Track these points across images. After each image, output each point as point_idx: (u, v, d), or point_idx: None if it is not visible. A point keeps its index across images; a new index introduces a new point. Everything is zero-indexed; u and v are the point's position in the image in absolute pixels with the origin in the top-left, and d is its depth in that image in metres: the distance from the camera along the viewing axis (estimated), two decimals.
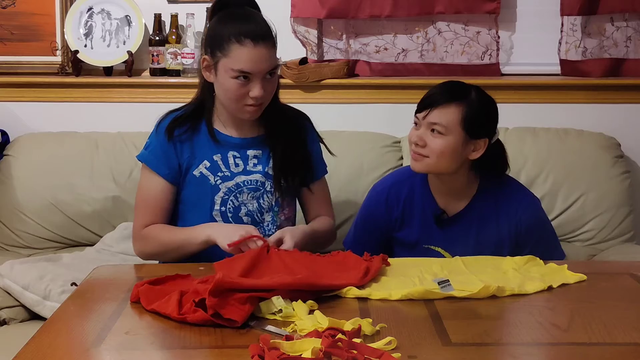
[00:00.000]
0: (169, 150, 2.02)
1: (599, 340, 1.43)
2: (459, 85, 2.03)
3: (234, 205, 2.04)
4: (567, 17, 3.03)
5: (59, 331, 1.48)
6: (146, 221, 2.03)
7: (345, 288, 1.64)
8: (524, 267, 1.80)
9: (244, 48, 1.92)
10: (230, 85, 1.95)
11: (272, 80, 1.98)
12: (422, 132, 1.99)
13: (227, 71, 1.94)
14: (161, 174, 2.03)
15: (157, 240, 2.01)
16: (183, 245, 1.97)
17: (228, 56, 1.93)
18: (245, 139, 2.07)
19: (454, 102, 1.97)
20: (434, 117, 1.96)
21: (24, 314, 2.36)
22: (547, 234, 2.11)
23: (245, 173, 2.05)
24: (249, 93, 1.94)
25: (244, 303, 1.48)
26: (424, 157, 1.98)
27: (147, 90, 3.05)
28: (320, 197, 2.17)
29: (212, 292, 1.46)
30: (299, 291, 1.57)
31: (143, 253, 2.06)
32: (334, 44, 3.09)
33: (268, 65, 1.94)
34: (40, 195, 2.81)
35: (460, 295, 1.62)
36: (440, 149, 1.96)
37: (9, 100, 3.06)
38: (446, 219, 2.06)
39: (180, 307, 1.50)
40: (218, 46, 1.95)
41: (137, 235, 2.06)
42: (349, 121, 3.00)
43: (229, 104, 2.00)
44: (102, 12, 3.05)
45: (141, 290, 1.59)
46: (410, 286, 1.65)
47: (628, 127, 3.02)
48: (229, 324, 1.45)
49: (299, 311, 1.51)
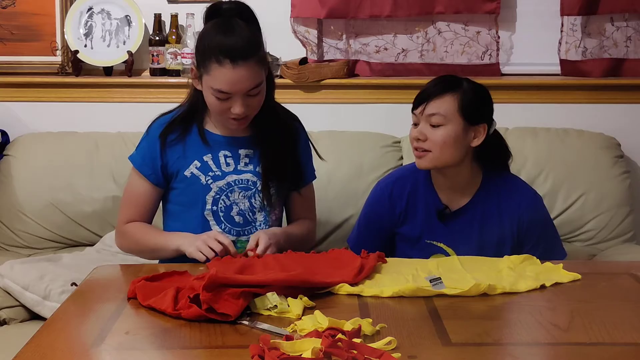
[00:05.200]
0: (155, 153, 2.04)
1: (599, 340, 1.42)
2: (450, 77, 2.08)
3: (225, 205, 2.05)
4: (567, 17, 3.03)
5: (59, 331, 1.48)
6: (128, 217, 2.09)
7: (338, 285, 1.65)
8: (520, 265, 1.81)
9: (223, 69, 1.90)
10: (212, 101, 1.96)
11: (256, 95, 1.96)
12: (421, 126, 2.01)
13: (208, 88, 1.95)
14: (145, 175, 2.06)
15: (134, 239, 2.08)
16: (157, 250, 2.04)
17: (209, 74, 1.93)
18: (237, 137, 2.07)
19: (448, 92, 2.00)
20: (431, 109, 1.99)
21: (24, 314, 2.36)
22: (548, 231, 2.12)
23: (237, 172, 2.06)
24: (231, 109, 1.95)
25: (237, 298, 1.50)
26: (428, 152, 1.99)
27: (147, 90, 3.05)
28: (305, 201, 2.18)
29: (205, 287, 1.49)
30: (293, 287, 1.59)
31: (121, 247, 2.15)
32: (334, 44, 3.09)
33: (248, 85, 1.92)
34: (40, 195, 2.81)
35: (451, 293, 1.63)
36: (442, 139, 1.97)
37: (9, 100, 3.06)
38: (449, 214, 2.07)
39: (175, 303, 1.52)
40: (202, 62, 1.94)
41: (118, 230, 2.13)
42: (349, 121, 3.00)
43: (214, 115, 2.03)
44: (102, 12, 3.05)
45: (138, 287, 1.61)
46: (403, 284, 1.66)
47: (628, 127, 3.02)
48: (223, 319, 1.47)
49: (293, 307, 1.52)
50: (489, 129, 2.04)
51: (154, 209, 2.12)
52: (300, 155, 2.13)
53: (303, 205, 2.18)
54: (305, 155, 2.16)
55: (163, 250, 2.01)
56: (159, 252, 2.03)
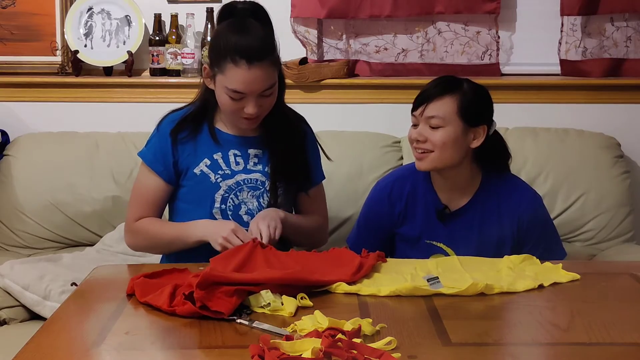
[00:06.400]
0: (167, 149, 2.04)
1: (599, 340, 1.42)
2: (451, 78, 2.07)
3: (234, 204, 2.05)
4: (567, 17, 3.03)
5: (59, 331, 1.48)
6: (138, 214, 2.08)
7: (335, 284, 1.65)
8: (519, 265, 1.81)
9: (238, 69, 1.90)
10: (225, 100, 1.96)
11: (269, 96, 1.97)
12: (421, 128, 2.01)
13: (222, 87, 1.95)
14: (156, 171, 2.06)
15: (148, 234, 2.05)
16: (174, 242, 2.02)
17: (223, 74, 1.93)
18: (247, 137, 2.07)
19: (447, 94, 2.00)
20: (430, 111, 1.99)
21: (24, 314, 2.36)
22: (548, 231, 2.12)
23: (246, 172, 2.06)
24: (244, 109, 1.95)
25: (230, 296, 1.51)
26: (428, 153, 2.00)
27: (147, 90, 3.05)
28: (315, 200, 2.18)
29: (199, 285, 1.50)
30: (289, 286, 1.59)
31: (133, 245, 2.12)
32: (334, 44, 3.09)
33: (263, 86, 1.93)
34: (40, 195, 2.81)
35: (449, 292, 1.63)
36: (442, 140, 1.98)
37: (9, 100, 3.06)
38: (448, 214, 2.07)
39: (171, 300, 1.53)
40: (216, 61, 1.95)
41: (128, 228, 2.10)
42: (349, 121, 3.00)
43: (226, 115, 2.04)
44: (102, 12, 3.05)
45: (136, 283, 1.62)
46: (401, 283, 1.66)
47: (628, 127, 3.02)
48: (216, 316, 1.48)
49: (287, 305, 1.53)
50: (489, 130, 2.04)
51: (163, 206, 2.11)
52: (308, 157, 2.13)
53: (312, 206, 2.17)
54: (313, 157, 2.16)
55: (182, 242, 2.00)
56: (177, 244, 2.02)
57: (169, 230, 2.04)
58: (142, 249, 2.14)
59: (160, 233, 2.04)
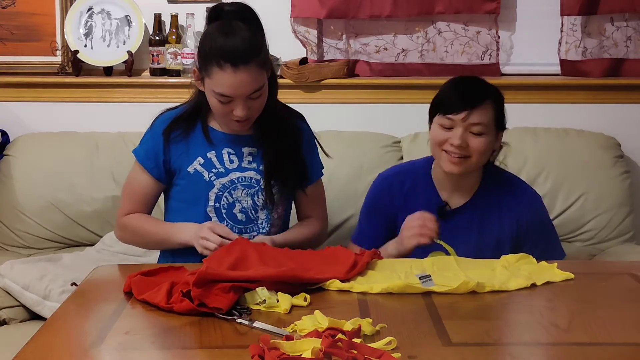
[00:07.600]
0: (158, 148, 2.06)
1: (599, 340, 1.42)
2: (481, 81, 2.06)
3: (228, 202, 2.05)
4: (567, 17, 3.03)
5: (59, 331, 1.49)
6: (128, 209, 2.11)
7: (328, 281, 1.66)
8: (515, 264, 1.80)
9: (224, 73, 1.90)
10: (215, 103, 1.97)
11: (258, 98, 1.97)
12: (461, 133, 1.96)
13: (210, 91, 1.96)
14: (147, 169, 2.08)
15: (136, 231, 2.10)
16: (161, 243, 2.08)
17: (210, 78, 1.94)
18: (241, 136, 2.07)
19: (487, 100, 1.99)
20: (475, 118, 1.96)
21: (24, 314, 2.37)
22: (547, 231, 2.12)
23: (240, 170, 2.06)
24: (233, 112, 1.96)
25: (227, 292, 1.54)
26: (466, 159, 1.98)
27: (147, 90, 3.05)
28: (313, 199, 2.18)
29: (195, 283, 1.51)
30: (284, 283, 1.60)
31: (122, 239, 2.18)
32: (334, 44, 3.09)
33: (250, 89, 1.93)
34: (40, 195, 2.81)
35: (440, 290, 1.63)
36: (484, 147, 1.98)
37: (9, 100, 3.06)
38: (449, 211, 2.07)
39: (169, 297, 1.54)
40: (203, 65, 1.95)
41: (118, 222, 2.15)
42: (349, 121, 3.00)
43: (217, 117, 2.05)
44: (102, 12, 3.05)
45: (133, 281, 1.63)
46: (393, 280, 1.66)
47: (628, 127, 3.02)
48: (215, 312, 1.50)
49: (282, 302, 1.54)
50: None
51: (153, 202, 2.14)
52: (304, 155, 2.13)
53: (309, 204, 2.18)
54: (310, 154, 2.16)
55: (168, 244, 2.05)
56: (164, 245, 2.08)
57: (157, 230, 2.07)
58: (130, 243, 2.19)
59: (148, 232, 2.08)
